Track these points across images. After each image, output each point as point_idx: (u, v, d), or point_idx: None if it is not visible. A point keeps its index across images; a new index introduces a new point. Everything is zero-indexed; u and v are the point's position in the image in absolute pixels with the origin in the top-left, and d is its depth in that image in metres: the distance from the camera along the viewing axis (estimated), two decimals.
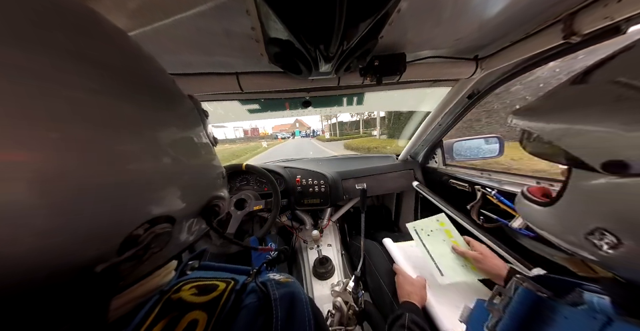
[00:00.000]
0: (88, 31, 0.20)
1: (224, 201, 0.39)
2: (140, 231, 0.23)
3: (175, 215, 0.27)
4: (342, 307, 0.79)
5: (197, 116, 0.34)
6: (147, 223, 0.23)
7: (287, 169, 1.47)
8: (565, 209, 0.29)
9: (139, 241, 0.23)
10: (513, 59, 0.70)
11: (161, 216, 0.25)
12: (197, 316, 0.27)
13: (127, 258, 0.22)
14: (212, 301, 0.29)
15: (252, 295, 0.33)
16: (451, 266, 0.80)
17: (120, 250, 0.21)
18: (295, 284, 0.38)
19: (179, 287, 0.31)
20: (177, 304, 0.28)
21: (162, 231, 0.25)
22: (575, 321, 0.27)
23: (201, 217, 0.35)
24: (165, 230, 0.26)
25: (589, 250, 0.26)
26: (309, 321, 0.32)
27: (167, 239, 0.27)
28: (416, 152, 1.56)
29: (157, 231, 0.24)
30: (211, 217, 0.36)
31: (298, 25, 0.44)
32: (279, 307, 0.31)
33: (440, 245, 0.87)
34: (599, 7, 0.47)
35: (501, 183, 1.00)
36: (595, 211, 0.25)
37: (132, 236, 0.22)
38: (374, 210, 2.08)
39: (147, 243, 0.24)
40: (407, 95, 1.11)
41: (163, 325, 0.25)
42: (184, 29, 0.51)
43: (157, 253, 0.26)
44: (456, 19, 0.57)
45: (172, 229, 0.27)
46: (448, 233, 0.91)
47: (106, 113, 0.19)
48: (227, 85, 0.75)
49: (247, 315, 0.30)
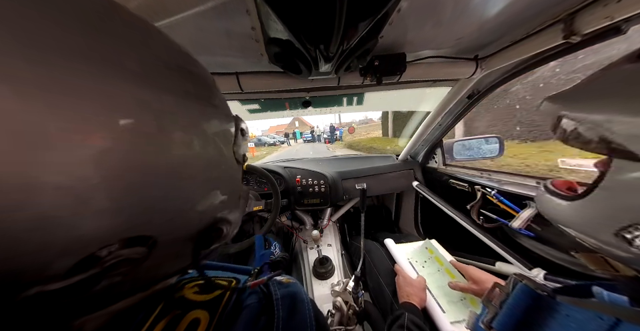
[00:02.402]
0: (153, 37, 0.22)
1: (229, 227, 0.31)
2: (104, 252, 0.17)
3: (161, 236, 0.21)
4: (342, 307, 0.78)
5: (231, 127, 0.31)
6: (117, 242, 0.17)
7: (287, 169, 1.47)
8: (597, 203, 0.28)
9: (97, 264, 0.17)
10: (513, 59, 0.70)
11: (140, 236, 0.19)
12: (199, 315, 0.27)
13: (72, 285, 0.16)
14: (214, 300, 0.29)
15: (254, 295, 0.33)
16: (452, 301, 0.77)
17: (66, 274, 0.16)
18: (297, 285, 0.38)
19: (181, 285, 0.31)
20: (178, 302, 0.28)
21: (132, 257, 0.19)
22: (577, 320, 0.26)
23: (193, 242, 0.26)
24: (135, 256, 0.19)
25: (618, 246, 0.25)
26: (311, 321, 0.33)
27: (134, 268, 0.20)
28: (416, 152, 1.56)
29: (126, 256, 0.18)
30: (201, 245, 0.27)
31: (298, 25, 0.44)
32: (280, 307, 0.31)
33: (436, 277, 0.86)
34: (599, 6, 0.47)
35: (500, 183, 1.00)
36: (633, 204, 0.24)
37: (92, 257, 0.16)
38: (374, 210, 2.08)
39: (102, 270, 0.17)
40: (407, 95, 1.11)
41: (165, 323, 0.25)
42: (184, 28, 0.51)
43: (118, 281, 0.20)
44: (456, 19, 0.57)
45: (145, 256, 0.20)
46: (439, 261, 0.91)
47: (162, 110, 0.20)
48: (227, 85, 0.75)
49: (249, 314, 0.30)
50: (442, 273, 0.86)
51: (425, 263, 0.93)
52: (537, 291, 0.33)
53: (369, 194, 1.51)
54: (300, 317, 0.32)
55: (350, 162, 1.78)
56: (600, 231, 0.27)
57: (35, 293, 0.15)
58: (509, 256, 0.84)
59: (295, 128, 33.08)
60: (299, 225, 1.61)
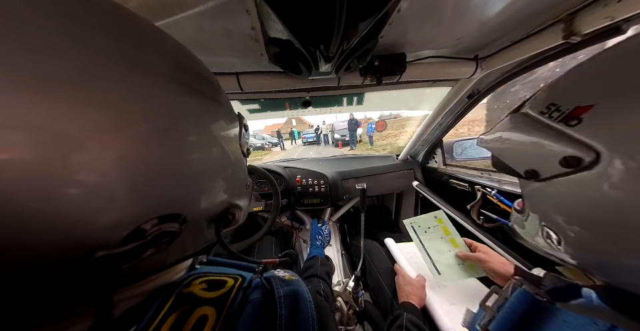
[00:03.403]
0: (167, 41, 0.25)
1: (240, 212, 0.37)
2: (147, 225, 0.22)
3: (188, 213, 0.26)
4: (342, 307, 0.79)
5: (236, 124, 0.35)
6: (156, 218, 0.22)
7: (287, 169, 1.47)
8: (527, 215, 0.34)
9: (144, 235, 0.22)
10: (513, 58, 0.70)
11: (173, 214, 0.24)
12: (207, 312, 0.28)
13: (127, 251, 0.21)
14: (221, 297, 0.30)
15: (257, 291, 0.33)
16: (449, 265, 0.80)
17: (123, 241, 0.21)
18: (299, 282, 0.38)
19: (189, 281, 0.32)
20: (188, 298, 0.29)
21: (169, 230, 0.24)
22: (573, 326, 0.27)
23: (212, 224, 0.33)
24: (172, 229, 0.24)
25: (550, 251, 0.30)
26: (313, 320, 0.33)
27: (171, 240, 0.25)
28: (416, 152, 1.56)
29: (163, 229, 0.23)
30: (220, 225, 0.33)
31: (298, 25, 0.44)
32: (283, 305, 0.31)
33: (437, 242, 0.86)
34: (599, 6, 0.47)
35: (500, 183, 1.00)
36: (537, 211, 0.31)
37: (139, 229, 0.21)
38: (374, 210, 2.08)
39: (150, 240, 0.23)
40: (407, 95, 1.11)
41: (175, 318, 0.26)
42: (184, 28, 0.51)
43: (159, 252, 0.25)
44: (456, 19, 0.57)
45: (179, 230, 0.25)
46: (445, 231, 0.89)
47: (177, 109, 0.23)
48: (227, 84, 0.75)
49: (252, 311, 0.30)
50: (445, 241, 0.86)
51: (429, 229, 0.91)
52: (536, 296, 0.34)
53: (369, 194, 1.51)
54: (302, 316, 0.32)
55: (350, 162, 1.78)
56: (537, 238, 0.32)
57: (102, 256, 0.20)
58: (509, 256, 0.83)
59: (292, 127, 25.67)
60: (299, 225, 1.61)
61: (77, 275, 0.20)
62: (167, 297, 0.28)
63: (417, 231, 0.91)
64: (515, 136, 0.31)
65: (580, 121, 0.23)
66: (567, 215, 0.26)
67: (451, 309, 0.72)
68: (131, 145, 0.19)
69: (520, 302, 0.34)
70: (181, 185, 0.24)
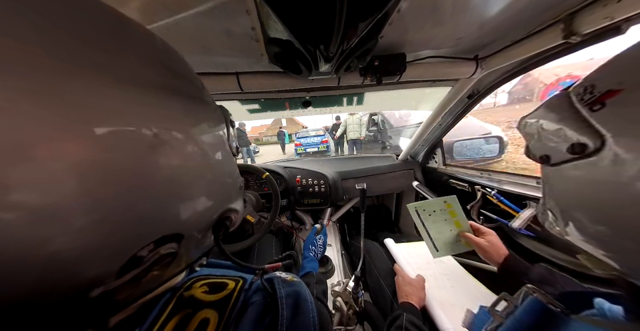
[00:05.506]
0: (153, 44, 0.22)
1: (237, 214, 0.35)
2: (144, 252, 0.20)
3: (185, 231, 0.24)
4: (342, 307, 0.78)
5: (223, 123, 0.32)
6: (152, 243, 0.20)
7: (287, 169, 1.47)
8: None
9: (141, 262, 0.20)
10: (513, 58, 0.70)
11: (169, 235, 0.22)
12: (208, 315, 0.28)
13: (124, 282, 0.19)
14: (222, 300, 0.30)
15: (258, 293, 0.33)
16: (447, 242, 0.81)
17: (119, 273, 0.19)
18: (300, 284, 0.38)
19: (189, 284, 0.32)
20: (189, 301, 0.29)
21: (167, 252, 0.22)
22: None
23: (210, 232, 0.31)
24: (171, 250, 0.22)
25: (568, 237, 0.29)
26: (314, 321, 0.33)
27: (171, 260, 0.24)
28: (416, 152, 1.56)
29: (161, 252, 0.22)
30: (220, 232, 0.32)
31: (298, 25, 0.44)
32: (284, 306, 0.31)
33: (440, 224, 0.85)
34: (599, 6, 0.47)
35: (500, 183, 1.00)
36: (552, 196, 0.30)
37: (135, 257, 0.19)
38: (374, 210, 2.07)
39: (149, 265, 0.21)
40: (407, 95, 1.11)
41: (176, 322, 0.26)
42: (184, 28, 0.51)
43: (157, 273, 0.24)
44: (456, 19, 0.57)
45: (178, 250, 0.23)
46: (452, 213, 0.86)
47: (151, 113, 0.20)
48: (227, 85, 0.75)
49: (254, 312, 0.30)
50: (449, 222, 0.85)
51: (434, 213, 0.88)
52: (549, 306, 0.32)
53: (369, 194, 1.51)
54: (304, 316, 0.32)
55: (350, 162, 1.78)
56: None
57: (99, 294, 0.18)
58: None
59: (282, 127, 20.64)
60: (299, 225, 1.61)
61: (69, 316, 0.18)
62: (167, 301, 0.28)
63: (421, 214, 0.88)
64: (549, 117, 0.29)
65: (603, 105, 0.21)
66: (575, 202, 0.26)
67: (451, 310, 0.72)
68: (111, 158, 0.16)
69: (531, 310, 0.33)
70: (173, 204, 0.22)
